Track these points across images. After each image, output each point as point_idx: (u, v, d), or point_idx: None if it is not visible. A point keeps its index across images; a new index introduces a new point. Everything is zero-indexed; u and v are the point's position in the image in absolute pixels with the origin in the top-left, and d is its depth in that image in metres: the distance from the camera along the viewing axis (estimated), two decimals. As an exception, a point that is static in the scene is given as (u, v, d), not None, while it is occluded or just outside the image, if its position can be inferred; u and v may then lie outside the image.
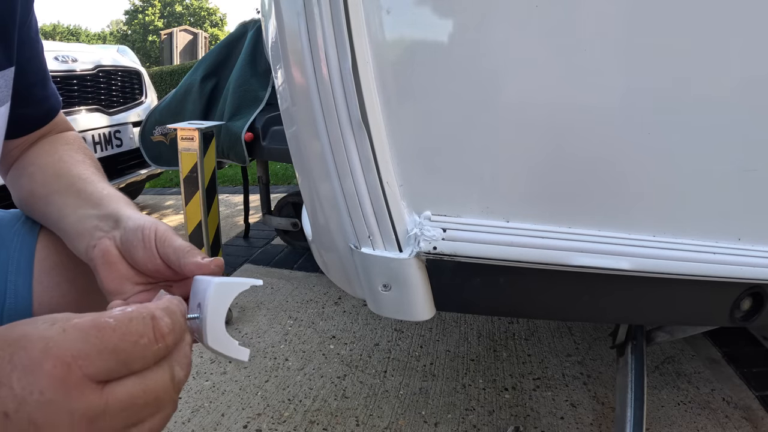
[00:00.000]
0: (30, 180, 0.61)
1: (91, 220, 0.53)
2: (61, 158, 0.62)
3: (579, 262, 0.57)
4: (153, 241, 0.48)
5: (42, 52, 0.63)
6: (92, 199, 0.55)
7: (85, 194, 0.56)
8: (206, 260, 0.46)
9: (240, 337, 1.51)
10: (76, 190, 0.57)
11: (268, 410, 1.16)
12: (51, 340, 0.27)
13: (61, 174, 0.59)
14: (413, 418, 1.12)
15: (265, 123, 1.79)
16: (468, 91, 0.56)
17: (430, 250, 0.56)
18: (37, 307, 0.60)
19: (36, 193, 0.60)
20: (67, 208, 0.56)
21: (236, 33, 2.17)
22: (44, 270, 0.60)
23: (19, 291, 0.59)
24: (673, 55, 0.54)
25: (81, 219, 0.54)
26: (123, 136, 2.54)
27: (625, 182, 0.58)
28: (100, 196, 0.55)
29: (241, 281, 0.40)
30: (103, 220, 0.52)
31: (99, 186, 0.57)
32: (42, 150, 0.64)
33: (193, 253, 0.46)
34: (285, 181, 3.76)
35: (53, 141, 0.66)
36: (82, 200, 0.56)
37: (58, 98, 0.67)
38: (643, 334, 1.01)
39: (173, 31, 16.55)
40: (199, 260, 0.46)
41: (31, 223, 0.64)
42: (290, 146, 0.70)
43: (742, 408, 1.10)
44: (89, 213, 0.53)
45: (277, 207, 2.16)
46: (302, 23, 0.53)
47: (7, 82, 0.56)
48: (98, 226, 0.52)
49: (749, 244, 0.61)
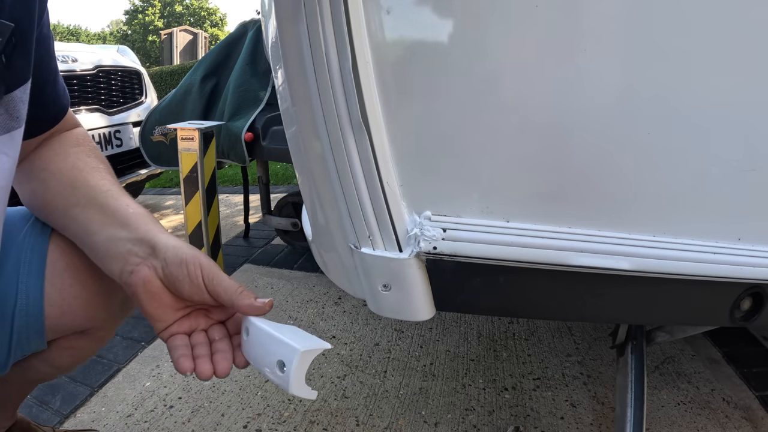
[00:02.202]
0: (43, 187, 0.60)
1: (124, 243, 0.53)
2: (74, 165, 0.61)
3: (579, 262, 0.57)
4: (200, 279, 0.50)
5: (53, 47, 0.61)
6: (119, 218, 0.55)
7: (110, 211, 0.56)
8: (259, 303, 0.50)
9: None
10: (98, 204, 0.56)
11: (268, 410, 1.16)
12: None
13: (78, 185, 0.59)
14: (413, 418, 1.12)
15: (265, 123, 1.79)
16: (468, 91, 0.56)
17: (430, 250, 0.56)
18: (48, 308, 0.60)
19: (52, 203, 0.59)
20: (93, 225, 0.56)
21: (236, 33, 2.17)
22: (56, 272, 0.61)
23: (30, 291, 0.59)
24: (673, 55, 0.54)
25: (111, 240, 0.54)
26: (123, 136, 2.53)
27: (625, 182, 0.58)
28: (126, 215, 0.55)
29: (318, 346, 0.47)
30: (137, 244, 0.52)
31: (122, 201, 0.57)
32: (52, 152, 0.62)
33: (246, 295, 0.50)
34: (285, 181, 3.76)
35: (63, 142, 0.64)
36: (107, 217, 0.55)
37: (67, 95, 0.66)
38: (643, 334, 1.01)
39: (173, 31, 16.55)
40: (254, 303, 0.50)
41: (42, 225, 0.63)
42: (290, 146, 0.70)
43: (742, 408, 1.10)
44: (120, 235, 0.53)
45: (277, 207, 2.16)
46: (302, 23, 0.53)
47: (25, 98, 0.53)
48: (132, 250, 0.52)
49: (749, 244, 0.61)
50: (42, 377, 0.79)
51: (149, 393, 1.24)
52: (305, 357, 0.45)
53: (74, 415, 1.17)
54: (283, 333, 0.48)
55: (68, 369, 0.74)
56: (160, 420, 1.14)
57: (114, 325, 0.72)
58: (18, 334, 0.60)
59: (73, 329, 0.65)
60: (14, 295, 0.58)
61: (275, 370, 0.47)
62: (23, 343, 0.61)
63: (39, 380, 0.83)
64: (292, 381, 0.45)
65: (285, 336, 0.47)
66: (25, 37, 0.51)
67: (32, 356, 0.66)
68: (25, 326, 0.60)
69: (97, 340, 0.70)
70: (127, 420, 1.14)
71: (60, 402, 1.22)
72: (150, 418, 1.14)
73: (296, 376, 0.45)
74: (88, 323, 0.65)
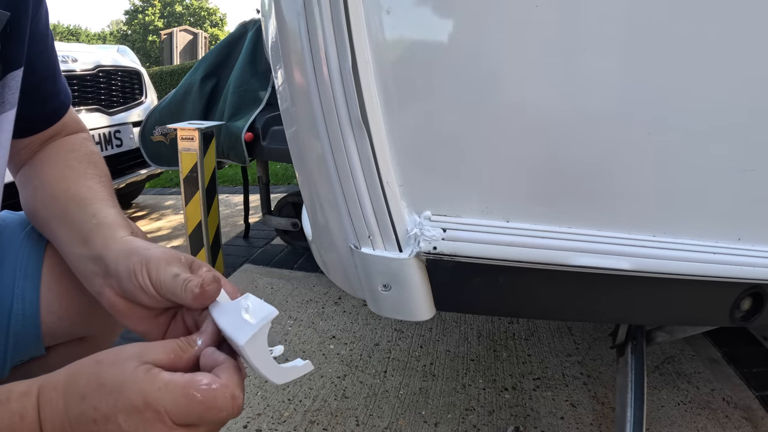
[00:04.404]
0: (34, 196, 0.60)
1: (85, 263, 0.52)
2: (61, 173, 0.60)
3: (579, 262, 0.57)
4: (150, 287, 0.46)
5: (53, 45, 0.61)
6: (82, 233, 0.53)
7: (77, 224, 0.54)
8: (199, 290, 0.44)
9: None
10: (69, 219, 0.55)
11: (268, 410, 1.16)
12: (149, 395, 0.36)
13: (58, 196, 0.58)
14: (413, 418, 1.12)
15: (265, 123, 1.79)
16: (468, 91, 0.56)
17: (430, 250, 0.56)
18: (45, 314, 0.60)
19: (39, 213, 0.60)
20: (63, 244, 0.55)
21: (236, 33, 2.17)
22: (54, 277, 0.60)
23: (27, 296, 0.59)
24: (674, 55, 0.54)
25: (77, 260, 0.53)
26: (123, 136, 2.54)
27: (625, 182, 0.58)
28: (88, 230, 0.53)
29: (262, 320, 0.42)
30: (95, 263, 0.51)
31: (90, 211, 0.55)
32: (47, 158, 0.62)
33: (189, 289, 0.45)
34: (285, 181, 3.75)
35: (59, 148, 0.64)
36: (73, 233, 0.54)
37: (68, 94, 0.65)
38: (643, 334, 1.01)
39: (173, 31, 16.55)
40: (195, 291, 0.44)
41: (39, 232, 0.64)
42: (290, 146, 0.70)
43: (742, 408, 1.10)
44: (82, 253, 0.52)
45: (277, 207, 2.16)
46: (302, 23, 0.53)
47: (17, 84, 0.54)
48: (93, 270, 0.51)
49: (749, 244, 0.61)
50: None
51: (149, 393, 1.24)
52: (253, 344, 0.41)
53: (74, 415, 1.16)
54: (232, 322, 0.43)
55: None
56: (160, 420, 1.13)
57: (113, 332, 0.71)
58: (15, 337, 0.60)
59: (72, 336, 0.64)
60: (10, 299, 0.58)
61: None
62: (20, 347, 0.61)
63: None
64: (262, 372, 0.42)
65: (230, 328, 0.43)
66: (19, 25, 0.52)
67: (32, 362, 0.66)
68: (21, 330, 0.59)
69: (97, 348, 0.69)
70: (127, 420, 1.14)
71: (60, 402, 1.21)
72: (150, 418, 1.14)
73: (260, 365, 0.42)
74: (86, 330, 0.64)
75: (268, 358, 0.42)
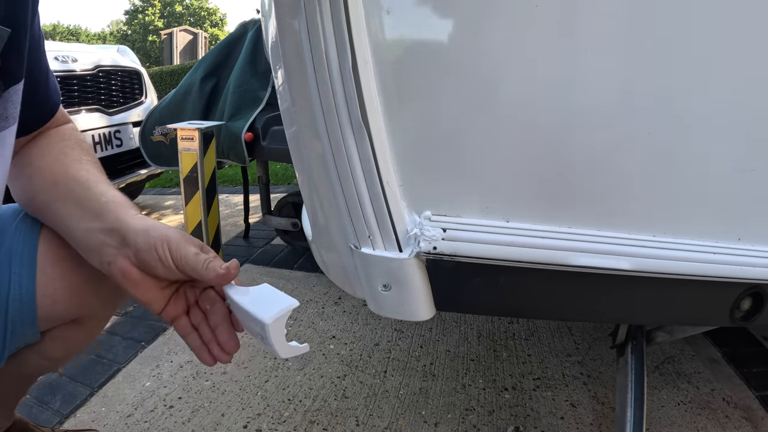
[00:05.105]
0: (29, 183, 0.62)
1: (97, 235, 0.54)
2: (57, 158, 0.63)
3: (579, 262, 0.57)
4: (170, 260, 0.51)
5: (44, 46, 0.62)
6: (92, 209, 0.56)
7: (85, 202, 0.57)
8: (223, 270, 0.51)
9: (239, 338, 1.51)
10: (75, 198, 0.58)
11: (268, 410, 1.16)
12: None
13: (58, 179, 0.60)
14: (413, 418, 1.12)
15: (265, 123, 1.79)
16: (468, 91, 0.56)
17: (430, 250, 0.56)
18: (41, 297, 0.62)
19: (37, 199, 0.61)
20: (71, 219, 0.57)
21: (236, 33, 2.17)
22: (49, 261, 0.62)
23: (23, 281, 0.61)
24: (674, 54, 0.54)
25: (87, 233, 0.55)
26: (123, 136, 2.53)
27: (626, 182, 0.58)
28: (98, 205, 0.56)
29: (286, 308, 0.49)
30: (109, 235, 0.54)
31: (97, 191, 0.58)
32: (39, 149, 0.64)
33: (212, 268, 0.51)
34: (285, 181, 3.76)
35: (50, 138, 0.66)
36: (82, 210, 0.57)
37: (59, 92, 0.67)
38: (643, 334, 1.01)
39: (173, 31, 16.55)
40: (219, 272, 0.51)
41: (32, 219, 0.65)
42: (290, 146, 0.70)
43: (742, 408, 1.10)
44: (93, 227, 0.55)
45: (277, 207, 2.16)
46: (302, 23, 0.53)
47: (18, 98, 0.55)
48: (105, 242, 0.54)
49: (749, 244, 0.61)
50: (36, 370, 0.81)
51: (149, 393, 1.24)
52: (277, 324, 0.48)
53: (74, 415, 1.17)
54: (255, 302, 0.51)
55: (61, 361, 0.76)
56: (160, 420, 1.14)
57: (106, 313, 0.74)
58: (12, 323, 0.61)
59: (65, 318, 0.66)
60: (7, 285, 0.60)
61: (260, 340, 0.51)
62: (17, 333, 0.63)
63: (34, 374, 0.85)
64: (276, 349, 0.49)
65: (254, 307, 0.50)
66: (19, 40, 0.52)
67: (26, 349, 0.68)
68: (19, 316, 0.61)
69: (89, 329, 0.71)
70: (127, 420, 1.14)
71: (60, 402, 1.22)
72: (150, 418, 1.14)
73: (277, 343, 0.49)
74: (80, 311, 0.66)
75: (282, 337, 0.49)
